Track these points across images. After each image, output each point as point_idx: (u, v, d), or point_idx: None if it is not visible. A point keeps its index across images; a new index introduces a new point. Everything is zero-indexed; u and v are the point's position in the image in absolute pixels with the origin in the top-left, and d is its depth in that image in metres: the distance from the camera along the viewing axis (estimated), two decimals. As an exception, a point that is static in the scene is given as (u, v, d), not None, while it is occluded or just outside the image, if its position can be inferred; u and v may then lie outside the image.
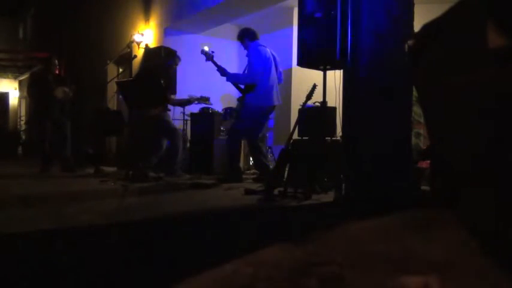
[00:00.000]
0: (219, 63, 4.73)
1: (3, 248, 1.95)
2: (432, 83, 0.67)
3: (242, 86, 4.65)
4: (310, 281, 0.52)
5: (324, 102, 3.62)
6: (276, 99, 4.59)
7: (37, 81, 5.91)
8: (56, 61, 5.99)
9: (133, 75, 5.89)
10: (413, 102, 3.38)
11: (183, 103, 5.46)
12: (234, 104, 6.58)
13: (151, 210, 2.95)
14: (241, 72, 4.83)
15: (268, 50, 4.60)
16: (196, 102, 5.49)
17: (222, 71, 4.66)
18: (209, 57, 4.76)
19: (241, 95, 4.74)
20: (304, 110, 4.06)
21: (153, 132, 4.83)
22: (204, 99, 5.49)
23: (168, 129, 4.78)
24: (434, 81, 0.67)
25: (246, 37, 4.64)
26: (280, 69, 4.78)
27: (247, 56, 4.63)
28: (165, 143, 4.87)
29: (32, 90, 5.90)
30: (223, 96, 6.95)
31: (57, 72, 6.14)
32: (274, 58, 4.64)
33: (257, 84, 4.44)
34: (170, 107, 5.19)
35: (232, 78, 4.66)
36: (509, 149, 0.54)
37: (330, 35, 3.26)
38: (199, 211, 2.93)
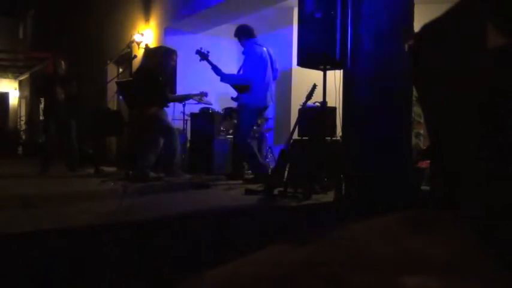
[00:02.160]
0: (214, 63, 4.72)
1: (3, 248, 1.95)
2: (432, 83, 0.67)
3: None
4: (310, 281, 0.52)
5: (324, 102, 3.62)
6: (269, 100, 4.59)
7: (44, 81, 6.03)
8: (62, 61, 6.04)
9: (132, 75, 5.90)
10: (413, 102, 3.38)
11: (181, 98, 5.46)
12: (233, 104, 6.57)
13: (151, 210, 2.95)
14: (237, 70, 4.83)
15: (264, 49, 4.58)
16: (195, 98, 5.48)
17: (216, 71, 4.66)
18: (203, 56, 4.75)
19: (236, 95, 4.73)
20: (304, 110, 4.06)
21: (151, 131, 4.82)
22: (202, 95, 5.48)
23: (164, 129, 4.78)
24: (434, 81, 0.67)
25: (242, 35, 4.64)
26: (277, 66, 4.77)
27: (243, 53, 4.62)
28: (162, 142, 4.87)
29: (39, 91, 6.04)
30: (223, 96, 6.95)
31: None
32: (270, 57, 4.62)
33: (252, 85, 4.44)
34: (170, 105, 5.19)
35: (225, 78, 4.65)
36: (509, 149, 0.54)
37: (330, 35, 3.26)
38: (199, 211, 2.93)
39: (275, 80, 4.82)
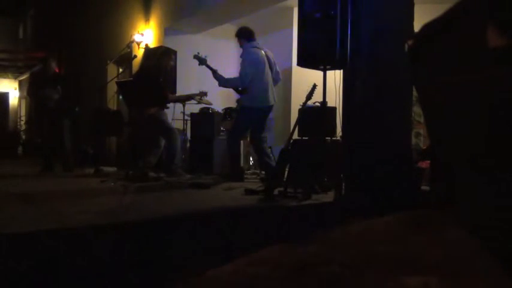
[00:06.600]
0: (213, 67, 4.73)
1: (3, 248, 1.95)
2: (432, 83, 0.67)
3: (240, 88, 4.66)
4: (310, 281, 0.52)
5: (324, 102, 3.61)
6: (272, 99, 4.60)
7: (35, 81, 5.99)
8: (53, 62, 5.96)
9: (132, 75, 5.90)
10: (414, 102, 3.38)
11: (182, 99, 5.47)
12: (233, 104, 6.57)
13: (151, 210, 2.95)
14: (237, 71, 4.83)
15: (262, 51, 4.60)
16: (195, 98, 5.48)
17: (215, 75, 4.69)
18: (202, 61, 4.77)
19: (240, 96, 4.76)
20: (304, 110, 4.06)
21: (151, 132, 4.83)
22: (202, 95, 5.48)
23: (164, 129, 4.79)
24: (434, 81, 0.67)
25: (242, 37, 4.67)
26: (278, 68, 4.79)
27: (240, 56, 4.65)
28: (163, 142, 4.88)
29: (30, 90, 6.00)
30: (223, 96, 6.95)
31: (57, 71, 6.17)
32: (269, 59, 4.64)
33: (250, 87, 4.47)
34: (170, 106, 5.19)
35: (223, 82, 4.69)
36: (508, 147, 0.54)
37: (330, 35, 3.25)
38: (199, 211, 2.93)
39: (276, 83, 4.83)
